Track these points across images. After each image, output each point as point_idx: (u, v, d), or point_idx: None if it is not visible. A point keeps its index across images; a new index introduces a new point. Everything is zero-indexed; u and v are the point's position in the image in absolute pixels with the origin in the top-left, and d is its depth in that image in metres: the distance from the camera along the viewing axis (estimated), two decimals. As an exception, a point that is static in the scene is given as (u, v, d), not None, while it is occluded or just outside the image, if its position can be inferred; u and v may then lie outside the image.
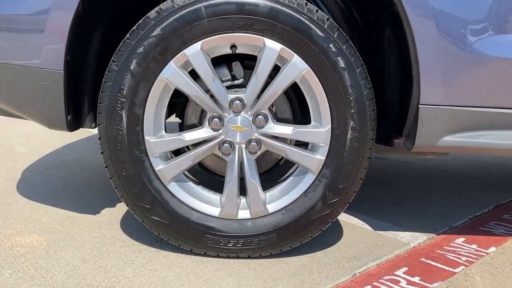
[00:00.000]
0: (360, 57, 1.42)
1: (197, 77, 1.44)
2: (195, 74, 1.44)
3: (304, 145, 1.56)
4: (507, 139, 1.47)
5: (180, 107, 1.65)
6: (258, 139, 1.48)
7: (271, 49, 1.40)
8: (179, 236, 1.52)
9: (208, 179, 1.71)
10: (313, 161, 1.47)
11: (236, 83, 1.54)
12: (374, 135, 1.46)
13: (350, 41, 1.41)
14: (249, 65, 1.53)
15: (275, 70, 1.44)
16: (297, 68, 1.41)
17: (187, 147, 1.56)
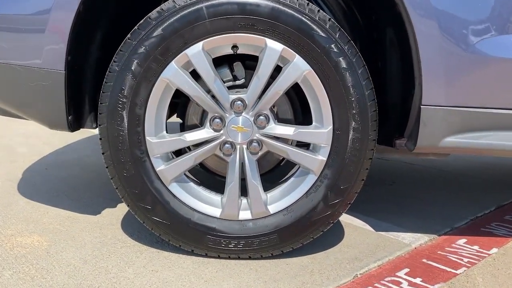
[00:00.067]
0: (361, 57, 1.41)
1: (198, 77, 1.44)
2: (196, 74, 1.43)
3: (305, 145, 1.55)
4: (509, 140, 1.46)
5: (181, 108, 1.64)
6: (259, 140, 1.48)
7: (273, 49, 1.40)
8: (180, 237, 1.51)
9: (209, 179, 1.70)
10: (315, 162, 1.47)
11: (237, 83, 1.53)
12: (375, 135, 1.45)
13: (351, 41, 1.40)
14: (251, 66, 1.53)
15: (277, 70, 1.44)
16: (298, 68, 1.41)
17: (188, 147, 1.56)
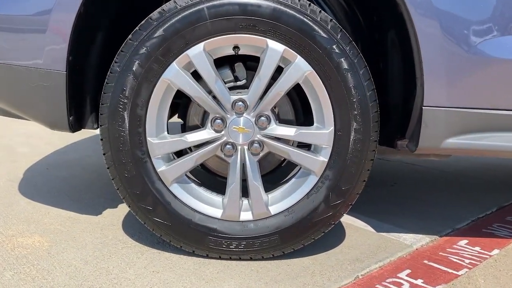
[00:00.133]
0: (363, 58, 1.41)
1: (200, 78, 1.43)
2: (197, 75, 1.43)
3: (306, 146, 1.55)
4: (511, 141, 1.46)
5: (182, 108, 1.64)
6: (260, 141, 1.47)
7: (274, 50, 1.39)
8: (181, 237, 1.51)
9: (210, 180, 1.70)
10: (316, 163, 1.46)
11: (238, 84, 1.53)
12: (377, 136, 1.45)
13: (353, 42, 1.40)
14: (252, 66, 1.52)
15: (278, 71, 1.43)
16: (300, 69, 1.40)
17: (189, 148, 1.56)
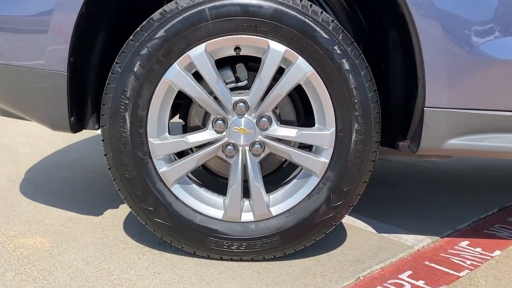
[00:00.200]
0: (364, 59, 1.41)
1: (201, 79, 1.43)
2: (198, 76, 1.43)
3: (308, 147, 1.55)
4: (513, 142, 1.46)
5: (183, 109, 1.64)
6: (261, 142, 1.47)
7: (275, 51, 1.39)
8: (182, 238, 1.51)
9: (211, 181, 1.70)
10: (317, 164, 1.46)
11: (240, 85, 1.53)
12: (378, 137, 1.45)
13: (354, 43, 1.40)
14: (253, 67, 1.52)
15: (279, 72, 1.43)
16: (301, 70, 1.40)
17: (191, 149, 1.55)
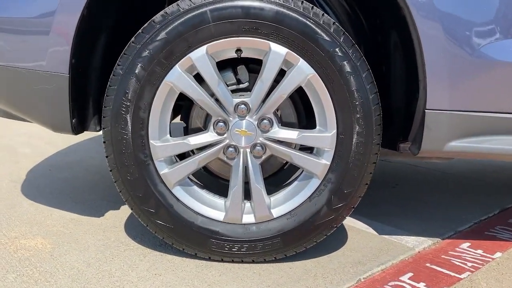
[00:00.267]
0: (366, 61, 1.41)
1: (202, 80, 1.43)
2: (200, 77, 1.43)
3: (309, 149, 1.55)
4: (514, 145, 1.46)
5: (184, 110, 1.64)
6: (263, 144, 1.47)
7: (277, 53, 1.39)
8: (184, 240, 1.51)
9: (212, 182, 1.70)
10: (318, 166, 1.46)
11: (241, 87, 1.53)
12: (379, 140, 1.45)
13: (356, 45, 1.40)
14: (255, 69, 1.52)
15: (281, 74, 1.43)
16: (302, 72, 1.40)
17: (192, 151, 1.56)
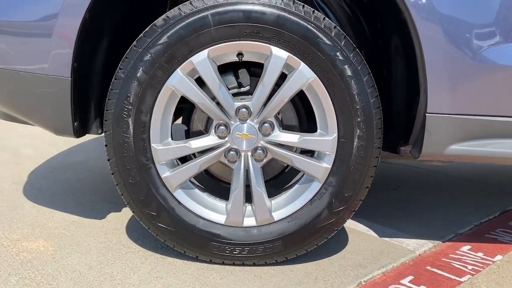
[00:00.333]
0: (367, 65, 1.41)
1: (203, 84, 1.44)
2: (201, 81, 1.44)
3: (310, 153, 1.55)
4: (515, 148, 1.46)
5: (186, 113, 1.65)
6: (264, 147, 1.48)
7: (278, 57, 1.40)
8: (185, 243, 1.52)
9: (214, 186, 1.71)
10: (319, 169, 1.47)
11: (242, 90, 1.53)
12: (380, 143, 1.45)
13: (357, 49, 1.40)
14: (256, 73, 1.53)
15: (282, 78, 1.44)
16: (303, 76, 1.41)
17: (193, 154, 1.56)
